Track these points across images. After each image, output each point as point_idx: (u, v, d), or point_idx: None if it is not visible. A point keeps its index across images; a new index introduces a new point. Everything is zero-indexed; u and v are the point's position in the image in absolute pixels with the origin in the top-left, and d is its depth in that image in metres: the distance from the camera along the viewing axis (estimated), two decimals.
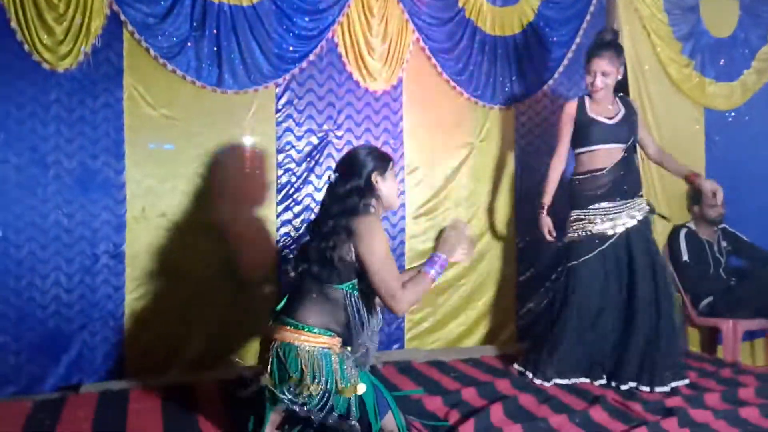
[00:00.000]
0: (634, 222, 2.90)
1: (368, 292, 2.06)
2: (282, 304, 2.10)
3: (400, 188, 2.22)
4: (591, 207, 2.92)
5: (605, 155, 2.92)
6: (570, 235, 2.98)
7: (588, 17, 3.73)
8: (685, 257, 3.59)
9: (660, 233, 3.82)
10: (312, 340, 1.98)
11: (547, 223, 3.01)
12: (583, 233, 2.92)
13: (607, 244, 2.88)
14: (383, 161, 2.15)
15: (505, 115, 3.66)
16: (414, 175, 3.50)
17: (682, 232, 3.67)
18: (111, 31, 2.93)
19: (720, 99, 4.04)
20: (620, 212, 2.90)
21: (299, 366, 1.93)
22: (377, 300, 2.11)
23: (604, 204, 2.90)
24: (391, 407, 2.05)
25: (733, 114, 4.09)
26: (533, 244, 3.67)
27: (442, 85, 3.51)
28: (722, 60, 4.04)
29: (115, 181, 2.99)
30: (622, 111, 2.99)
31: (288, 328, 2.00)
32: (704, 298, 3.57)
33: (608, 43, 2.95)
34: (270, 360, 1.99)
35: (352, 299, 2.03)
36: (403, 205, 3.44)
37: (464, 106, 3.57)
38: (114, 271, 3.00)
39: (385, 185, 2.12)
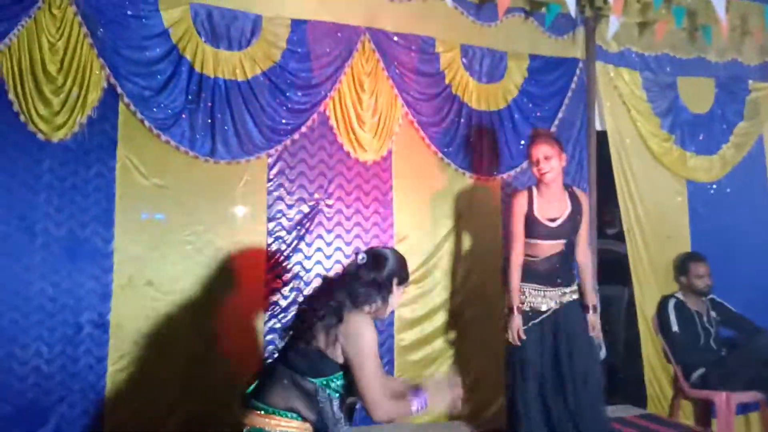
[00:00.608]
0: (563, 301, 2.99)
1: (344, 391, 2.03)
2: (253, 387, 2.07)
3: (396, 306, 2.30)
4: (526, 283, 3.00)
5: (546, 248, 3.00)
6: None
7: (570, 94, 3.87)
8: (675, 327, 3.59)
9: (649, 304, 3.83)
10: (283, 424, 1.94)
11: (518, 324, 2.96)
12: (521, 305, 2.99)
13: (541, 318, 2.97)
14: (406, 275, 2.20)
15: (491, 186, 3.73)
16: (403, 244, 3.51)
17: (671, 303, 3.68)
18: (107, 103, 3.00)
19: (701, 172, 4.15)
20: (552, 294, 2.99)
21: None
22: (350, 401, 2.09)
23: (537, 285, 2.99)
24: None
25: (714, 186, 4.18)
26: None
27: (431, 156, 3.59)
28: (701, 135, 4.17)
29: (104, 250, 2.98)
30: (568, 210, 3.02)
31: (258, 412, 1.96)
32: (696, 370, 3.54)
33: (543, 133, 3.11)
34: None
35: (325, 394, 1.99)
36: None
37: (452, 176, 3.64)
38: (97, 341, 2.95)
39: (396, 294, 2.15)
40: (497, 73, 3.74)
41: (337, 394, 2.03)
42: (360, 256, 2.14)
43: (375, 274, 2.08)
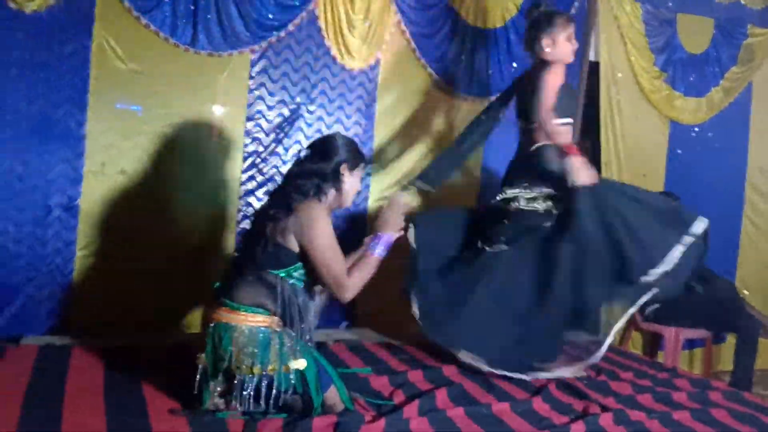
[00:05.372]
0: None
1: (307, 279, 2.07)
2: (219, 283, 2.11)
3: (360, 189, 2.27)
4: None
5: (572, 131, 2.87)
6: None
7: None
8: None
9: None
10: (250, 319, 1.98)
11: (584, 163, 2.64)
12: None
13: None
14: (357, 157, 2.17)
15: (479, 107, 3.66)
16: (382, 159, 3.49)
17: None
18: None
19: (686, 113, 4.14)
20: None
21: (233, 346, 1.93)
22: (317, 288, 2.13)
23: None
24: (334, 382, 2.07)
25: (697, 129, 4.19)
26: None
27: (420, 70, 3.50)
28: (692, 75, 4.13)
29: (76, 133, 2.91)
30: None
31: (224, 308, 2.01)
32: (651, 305, 3.67)
33: None
34: (206, 340, 1.99)
35: (287, 285, 2.03)
36: (367, 187, 3.44)
37: (439, 93, 3.56)
38: (66, 225, 2.93)
39: (350, 180, 2.13)
40: None
41: (301, 284, 2.08)
42: (303, 152, 2.16)
43: (322, 164, 2.09)
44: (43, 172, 2.87)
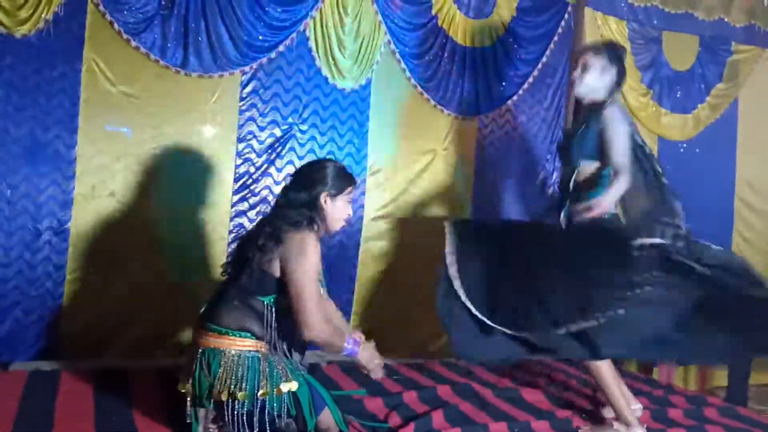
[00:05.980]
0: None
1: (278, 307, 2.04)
2: (204, 309, 2.08)
3: (350, 213, 2.17)
4: None
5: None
6: None
7: (556, 38, 3.80)
8: None
9: None
10: (238, 344, 1.96)
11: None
12: None
13: None
14: (341, 183, 2.11)
15: (468, 125, 3.70)
16: (376, 177, 3.49)
17: None
18: (75, 1, 2.83)
19: (673, 130, 4.18)
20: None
21: (223, 371, 1.91)
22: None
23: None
24: (327, 404, 2.04)
25: (684, 145, 4.23)
26: None
27: (410, 89, 3.52)
28: (679, 92, 4.18)
29: (66, 156, 2.90)
30: (583, 127, 2.64)
31: (212, 333, 1.98)
32: None
33: (601, 43, 2.83)
34: (194, 367, 1.96)
35: (272, 312, 2.01)
36: (362, 206, 3.45)
37: (430, 112, 3.59)
38: (57, 248, 2.90)
39: (332, 207, 2.09)
40: (486, 8, 3.64)
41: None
42: (288, 179, 2.14)
43: (303, 194, 2.06)
44: (33, 195, 2.85)
